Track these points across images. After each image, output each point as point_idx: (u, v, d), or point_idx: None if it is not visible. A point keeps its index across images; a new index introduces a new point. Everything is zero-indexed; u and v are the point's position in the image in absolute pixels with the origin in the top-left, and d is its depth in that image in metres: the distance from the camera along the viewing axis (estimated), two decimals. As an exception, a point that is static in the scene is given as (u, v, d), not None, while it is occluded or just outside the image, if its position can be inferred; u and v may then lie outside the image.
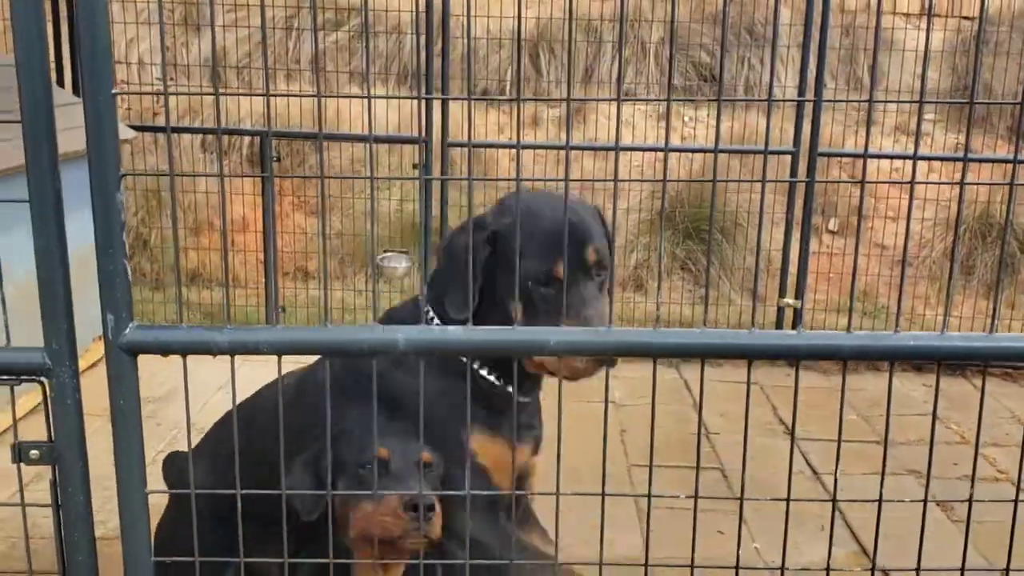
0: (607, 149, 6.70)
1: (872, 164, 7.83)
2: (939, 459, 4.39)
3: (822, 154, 5.60)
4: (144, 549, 1.41)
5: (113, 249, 1.29)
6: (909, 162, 7.39)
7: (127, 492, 1.39)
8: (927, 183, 6.21)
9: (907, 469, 4.26)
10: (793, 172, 5.61)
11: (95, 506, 1.47)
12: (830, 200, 7.43)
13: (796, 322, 5.97)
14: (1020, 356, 1.36)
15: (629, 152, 6.94)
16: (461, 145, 5.80)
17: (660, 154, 6.93)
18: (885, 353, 1.38)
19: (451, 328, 1.38)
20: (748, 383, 1.38)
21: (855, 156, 5.89)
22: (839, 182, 7.43)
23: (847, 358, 1.35)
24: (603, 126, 7.61)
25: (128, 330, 1.33)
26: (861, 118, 7.60)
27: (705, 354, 1.35)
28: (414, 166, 5.72)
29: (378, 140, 5.94)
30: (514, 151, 6.45)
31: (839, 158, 7.32)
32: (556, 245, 1.78)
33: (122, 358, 1.34)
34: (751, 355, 1.34)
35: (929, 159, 6.65)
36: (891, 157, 6.94)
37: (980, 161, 6.35)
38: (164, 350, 1.37)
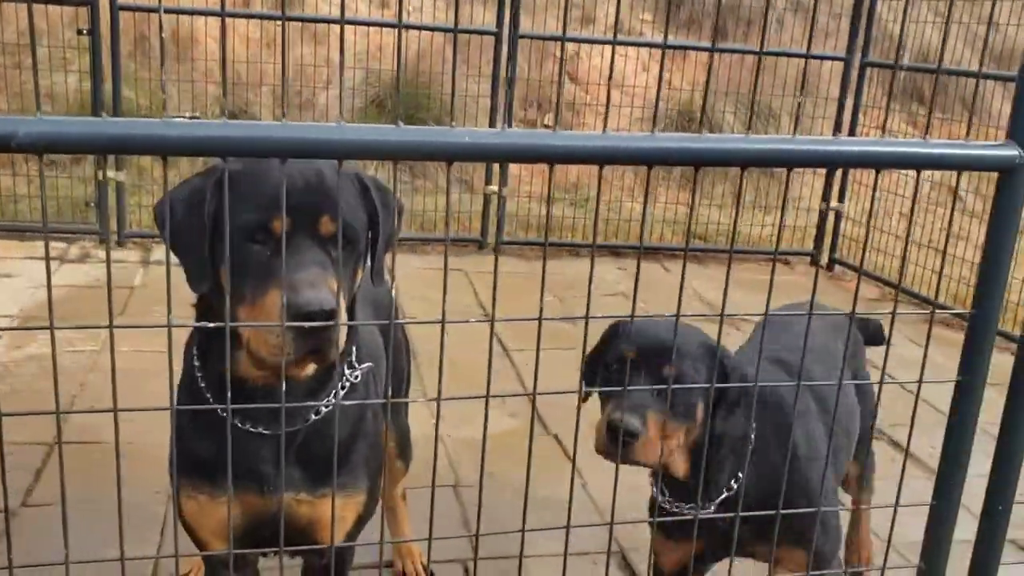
0: (324, 21, 6.42)
1: (584, 63, 7.95)
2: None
3: (523, 36, 5.55)
4: None
5: None
6: (625, 61, 7.59)
7: None
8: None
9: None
10: (496, 56, 5.54)
11: None
12: (544, 94, 7.47)
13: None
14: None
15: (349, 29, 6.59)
16: (138, 10, 5.18)
17: (379, 39, 6.65)
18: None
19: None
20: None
21: (554, 39, 5.91)
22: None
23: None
24: (318, 6, 7.20)
25: None
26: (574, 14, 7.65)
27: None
28: (79, 32, 5.06)
29: None
30: (218, 27, 5.92)
31: (555, 54, 7.36)
32: (279, 200, 1.34)
33: None
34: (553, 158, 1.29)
35: (626, 44, 6.80)
36: (589, 42, 7.08)
37: (678, 48, 6.64)
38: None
